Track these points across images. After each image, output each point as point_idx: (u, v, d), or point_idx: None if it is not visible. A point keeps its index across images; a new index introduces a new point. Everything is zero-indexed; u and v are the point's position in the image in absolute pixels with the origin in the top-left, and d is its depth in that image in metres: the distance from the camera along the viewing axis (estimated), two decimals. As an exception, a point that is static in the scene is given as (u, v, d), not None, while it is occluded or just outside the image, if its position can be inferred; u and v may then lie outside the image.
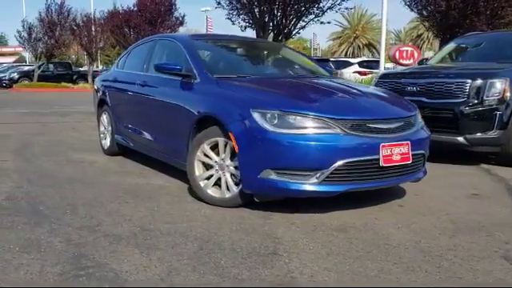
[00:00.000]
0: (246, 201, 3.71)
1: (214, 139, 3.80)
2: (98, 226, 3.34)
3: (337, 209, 3.73)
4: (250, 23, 16.81)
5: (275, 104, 3.45)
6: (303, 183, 3.35)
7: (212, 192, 3.86)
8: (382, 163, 3.42)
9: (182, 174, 4.53)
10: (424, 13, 15.91)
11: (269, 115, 3.40)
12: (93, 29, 29.10)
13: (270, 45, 5.90)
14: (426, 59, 8.00)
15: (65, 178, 4.80)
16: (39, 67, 29.57)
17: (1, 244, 2.95)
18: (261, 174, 3.41)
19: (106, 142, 6.09)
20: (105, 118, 6.13)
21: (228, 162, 3.75)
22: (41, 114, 11.74)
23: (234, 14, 17.40)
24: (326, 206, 3.74)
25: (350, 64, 18.13)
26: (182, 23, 29.65)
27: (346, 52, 58.23)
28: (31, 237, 3.08)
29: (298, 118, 3.36)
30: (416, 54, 21.61)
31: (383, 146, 3.41)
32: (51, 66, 31.04)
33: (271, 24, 16.18)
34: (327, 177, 3.33)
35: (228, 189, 3.76)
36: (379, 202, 3.98)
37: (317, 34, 64.78)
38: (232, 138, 3.55)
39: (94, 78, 29.44)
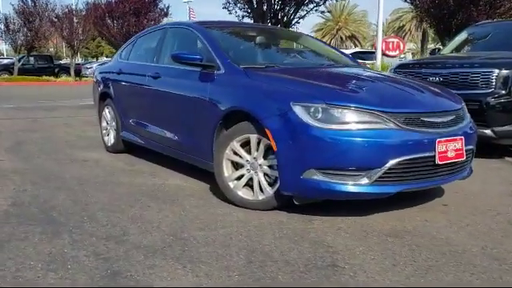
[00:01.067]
0: (282, 203, 3.39)
1: (244, 136, 3.46)
2: (125, 235, 2.97)
3: (378, 210, 3.44)
4: (247, 12, 16.39)
5: (319, 96, 3.11)
6: (352, 184, 3.03)
7: (243, 194, 3.53)
8: (437, 161, 3.11)
9: (198, 172, 4.21)
10: (417, 2, 15.66)
11: (312, 109, 3.06)
12: (74, 20, 28.23)
13: (290, 33, 5.54)
14: (438, 49, 7.73)
15: (72, 178, 4.41)
16: (19, 60, 28.65)
17: (19, 260, 2.57)
18: (303, 175, 3.08)
19: (110, 139, 5.69)
20: (108, 112, 5.72)
21: (261, 160, 3.41)
22: (27, 109, 11.21)
23: (231, 2, 16.96)
24: (365, 208, 3.45)
25: (343, 55, 17.82)
26: (166, 14, 29.00)
27: (329, 44, 58.11)
28: (52, 250, 2.71)
29: (347, 111, 3.03)
30: (402, 46, 21.47)
31: (439, 142, 3.11)
32: (32, 58, 30.16)
33: (270, 13, 15.77)
34: (380, 177, 3.01)
35: (261, 190, 3.43)
36: (420, 202, 3.70)
37: (299, 26, 64.52)
38: (269, 135, 3.20)
39: (76, 71, 28.78)
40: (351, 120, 3.03)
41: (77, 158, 5.40)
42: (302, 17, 16.39)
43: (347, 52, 18.64)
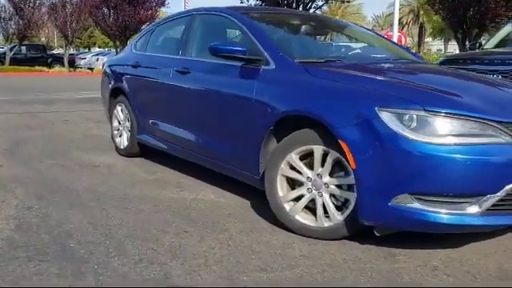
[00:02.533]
0: (353, 232, 2.74)
1: (306, 147, 2.80)
2: (167, 277, 2.30)
3: (465, 240, 2.79)
4: (262, 0, 15.65)
5: (415, 100, 2.45)
6: (457, 214, 2.38)
7: (302, 219, 2.87)
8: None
9: (232, 183, 3.54)
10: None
11: (407, 117, 2.40)
12: (69, 8, 27.26)
13: (336, 21, 4.85)
14: (480, 44, 7.08)
15: (85, 191, 3.72)
16: (11, 50, 27.67)
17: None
18: (393, 201, 2.43)
19: (123, 141, 4.99)
20: (120, 110, 5.02)
21: (327, 178, 2.75)
22: (23, 102, 10.44)
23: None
24: (446, 238, 2.80)
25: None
26: (163, 4, 28.20)
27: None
28: (77, 305, 2.02)
29: (453, 121, 2.37)
30: (403, 40, 20.83)
31: None
32: (24, 48, 29.16)
33: (285, 1, 15.03)
34: (494, 204, 2.35)
35: (327, 215, 2.77)
36: (503, 231, 3.03)
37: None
38: (345, 148, 2.54)
39: (70, 61, 27.87)
40: (458, 132, 2.38)
41: (86, 162, 4.70)
42: (319, 7, 15.67)
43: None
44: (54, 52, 36.46)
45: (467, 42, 14.69)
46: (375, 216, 2.53)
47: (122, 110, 5.01)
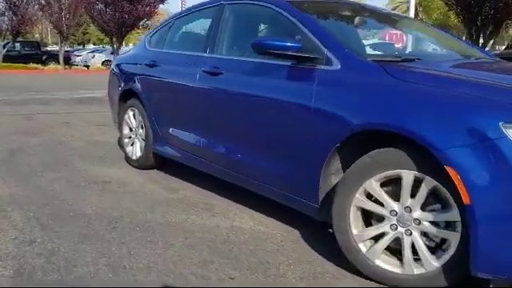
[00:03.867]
0: (453, 282, 2.10)
1: (392, 172, 2.17)
2: None
3: None
4: None
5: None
6: None
7: (384, 263, 2.25)
8: None
9: (271, 205, 2.92)
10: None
11: (549, 137, 1.76)
12: (64, 3, 26.40)
13: (391, 13, 4.21)
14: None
15: (96, 216, 3.08)
16: (4, 46, 26.83)
17: None
18: (527, 250, 1.79)
19: (135, 150, 4.34)
20: (132, 116, 4.37)
21: (419, 212, 2.14)
22: (18, 103, 9.74)
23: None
24: None
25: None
26: (162, 0, 27.47)
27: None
28: None
29: None
30: (404, 38, 20.36)
31: None
32: (17, 45, 28.32)
33: None
34: None
35: (417, 259, 2.14)
36: None
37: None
38: (455, 176, 1.91)
39: (65, 58, 27.04)
40: None
41: (94, 176, 4.05)
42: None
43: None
44: (49, 49, 35.57)
45: (481, 39, 14.09)
46: (496, 267, 1.91)
47: (134, 116, 4.36)
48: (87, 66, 27.15)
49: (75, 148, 5.25)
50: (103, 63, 28.13)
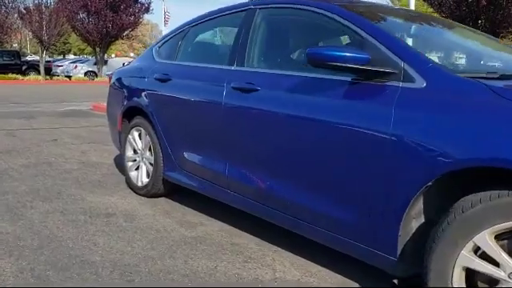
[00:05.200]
0: None
1: None
2: None
3: None
4: None
5: None
6: None
7: None
8: None
9: (312, 244, 2.38)
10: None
11: None
12: (45, 12, 25.60)
13: (441, 20, 3.69)
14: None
15: (105, 265, 2.52)
16: (-18, 56, 25.89)
17: None
18: None
19: (141, 176, 3.77)
20: (137, 136, 3.81)
21: (547, 274, 1.60)
22: (-2, 116, 9.03)
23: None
24: None
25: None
26: (147, 10, 26.91)
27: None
28: None
29: None
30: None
31: None
32: (-4, 54, 27.38)
33: None
34: None
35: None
36: None
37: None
38: None
39: (46, 69, 26.21)
40: None
41: (94, 208, 3.46)
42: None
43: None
44: (29, 59, 34.55)
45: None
46: None
47: (139, 136, 3.80)
48: (69, 77, 26.34)
49: (68, 171, 4.64)
50: (86, 74, 27.35)
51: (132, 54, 45.61)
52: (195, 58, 3.51)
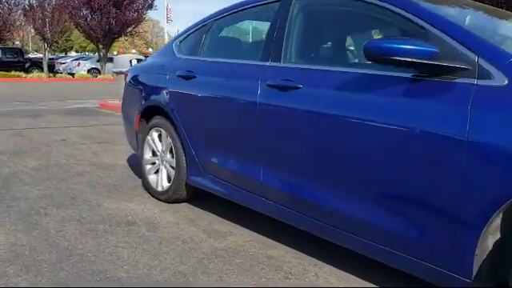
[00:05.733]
0: None
1: None
2: None
3: None
4: None
5: None
6: None
7: None
8: None
9: (354, 256, 2.12)
10: None
11: None
12: (48, 9, 25.34)
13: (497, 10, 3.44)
14: None
15: (135, 283, 2.24)
16: (-16, 53, 25.66)
17: None
18: None
19: (161, 180, 3.53)
20: (157, 138, 3.56)
21: None
22: (4, 115, 8.81)
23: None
24: None
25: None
26: (150, 6, 26.62)
27: None
28: None
29: None
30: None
31: None
32: (-1, 51, 27.15)
33: None
34: None
35: None
36: None
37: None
38: None
39: (49, 66, 25.96)
40: None
41: (113, 215, 3.22)
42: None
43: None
44: (31, 56, 34.28)
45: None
46: None
47: (159, 138, 3.55)
48: (72, 74, 26.10)
49: (80, 173, 4.39)
50: (89, 71, 27.09)
51: (134, 51, 45.28)
52: (221, 53, 3.26)
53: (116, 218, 3.18)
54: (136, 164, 4.64)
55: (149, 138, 3.64)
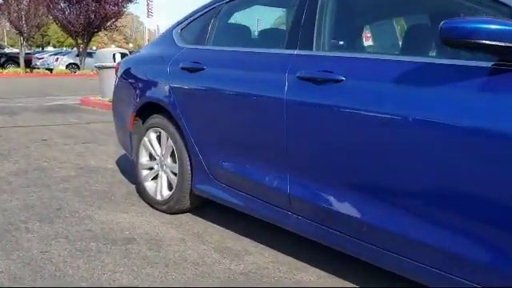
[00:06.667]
0: None
1: None
2: None
3: None
4: None
5: None
6: None
7: None
8: None
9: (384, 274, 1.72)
10: None
11: None
12: (24, 3, 24.42)
13: None
14: None
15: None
16: (-43, 48, 24.59)
17: None
18: None
19: (160, 187, 3.08)
20: (155, 139, 3.11)
21: None
22: (-22, 112, 8.19)
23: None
24: None
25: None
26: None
27: None
28: None
29: None
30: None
31: None
32: (-28, 46, 26.07)
33: None
34: None
35: None
36: None
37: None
38: None
39: (26, 61, 25.05)
40: None
41: (107, 230, 2.77)
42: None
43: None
44: (7, 51, 33.14)
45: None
46: None
47: (158, 139, 3.08)
48: (50, 70, 25.23)
49: (65, 178, 3.90)
50: (67, 66, 26.26)
51: (113, 46, 44.33)
52: (234, 41, 2.83)
53: (111, 234, 2.72)
54: (126, 167, 4.19)
55: (145, 139, 3.18)
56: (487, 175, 1.51)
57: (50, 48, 59.01)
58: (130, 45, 65.51)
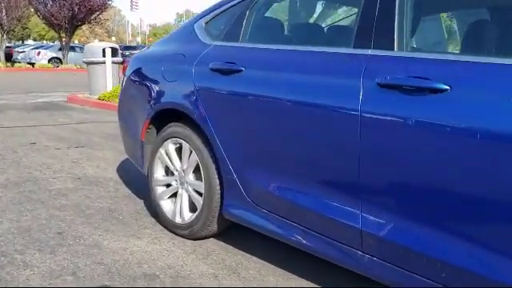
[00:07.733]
0: None
1: None
2: None
3: None
4: None
5: None
6: None
7: None
8: None
9: None
10: None
11: None
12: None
13: None
14: None
15: None
16: None
17: None
18: None
19: (180, 209, 2.62)
20: (173, 152, 2.64)
21: None
22: (-43, 111, 7.58)
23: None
24: None
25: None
26: (116, -7, 25.07)
27: None
28: None
29: None
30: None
31: None
32: (-51, 39, 25.05)
33: None
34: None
35: None
36: None
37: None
38: None
39: (7, 55, 24.16)
40: None
41: (121, 264, 2.31)
42: None
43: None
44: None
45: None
46: None
47: (178, 152, 2.60)
48: (32, 64, 24.39)
49: (62, 192, 3.41)
50: (50, 61, 25.43)
51: (96, 40, 43.36)
52: (279, 37, 2.37)
53: (127, 269, 2.25)
54: (130, 177, 3.73)
55: (162, 151, 2.70)
56: None
57: (30, 41, 57.61)
58: (113, 38, 64.34)
